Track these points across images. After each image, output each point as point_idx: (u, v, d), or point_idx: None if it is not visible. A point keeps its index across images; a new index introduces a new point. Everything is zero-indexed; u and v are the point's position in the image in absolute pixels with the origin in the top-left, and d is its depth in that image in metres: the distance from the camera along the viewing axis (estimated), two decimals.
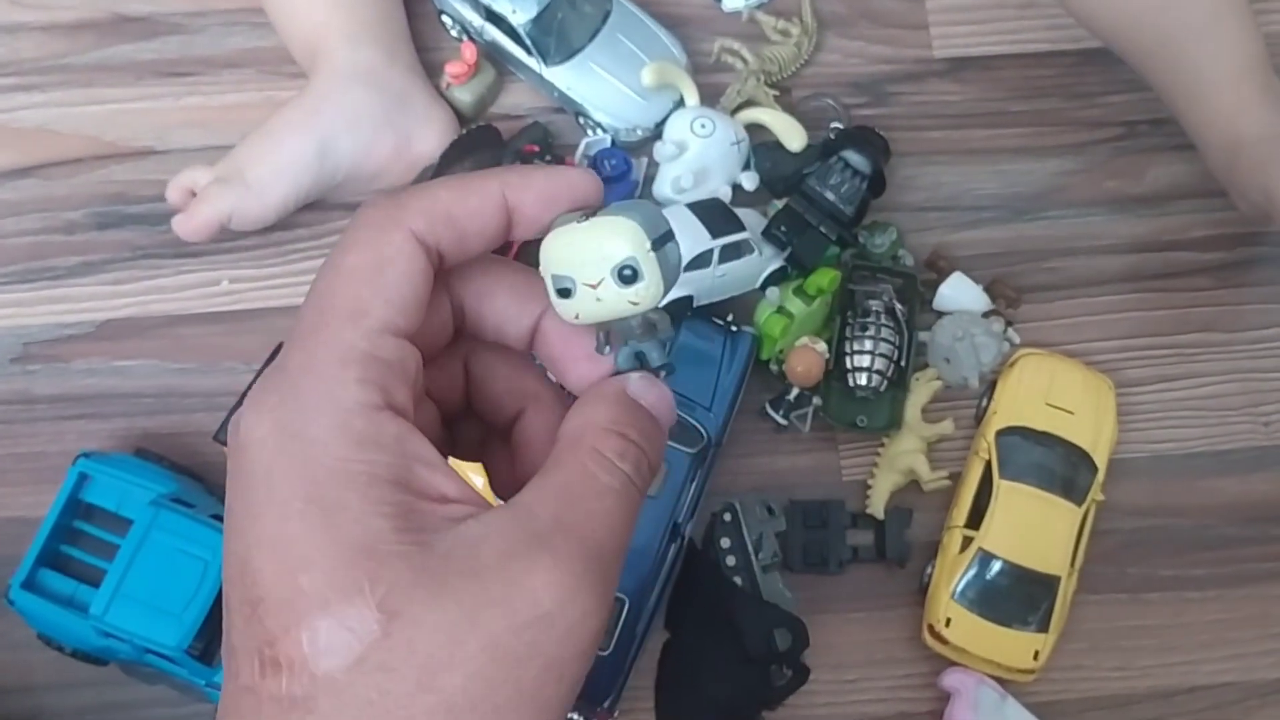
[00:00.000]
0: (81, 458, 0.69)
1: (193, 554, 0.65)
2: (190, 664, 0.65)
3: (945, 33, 0.83)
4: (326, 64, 0.74)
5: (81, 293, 0.77)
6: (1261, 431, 0.77)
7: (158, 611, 0.64)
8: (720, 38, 0.81)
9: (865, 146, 0.75)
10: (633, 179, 0.77)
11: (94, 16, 0.82)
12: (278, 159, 0.73)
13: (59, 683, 0.70)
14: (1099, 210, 0.80)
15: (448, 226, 0.28)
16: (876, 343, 0.73)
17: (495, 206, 0.28)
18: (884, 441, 0.74)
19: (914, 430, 0.74)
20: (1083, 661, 0.72)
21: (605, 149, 0.77)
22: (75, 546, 0.69)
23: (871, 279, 0.75)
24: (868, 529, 0.73)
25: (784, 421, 0.74)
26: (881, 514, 0.72)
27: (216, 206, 0.72)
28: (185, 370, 0.76)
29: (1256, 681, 0.73)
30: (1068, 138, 0.82)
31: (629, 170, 0.76)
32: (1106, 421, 0.73)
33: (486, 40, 0.79)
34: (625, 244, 0.28)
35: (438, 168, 0.74)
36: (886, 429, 0.73)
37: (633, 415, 0.28)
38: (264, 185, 0.72)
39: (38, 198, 0.78)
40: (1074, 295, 0.79)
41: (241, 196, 0.72)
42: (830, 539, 0.72)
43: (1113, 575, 0.74)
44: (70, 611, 0.66)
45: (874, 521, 0.73)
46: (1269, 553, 0.75)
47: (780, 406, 0.74)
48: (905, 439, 0.73)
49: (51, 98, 0.80)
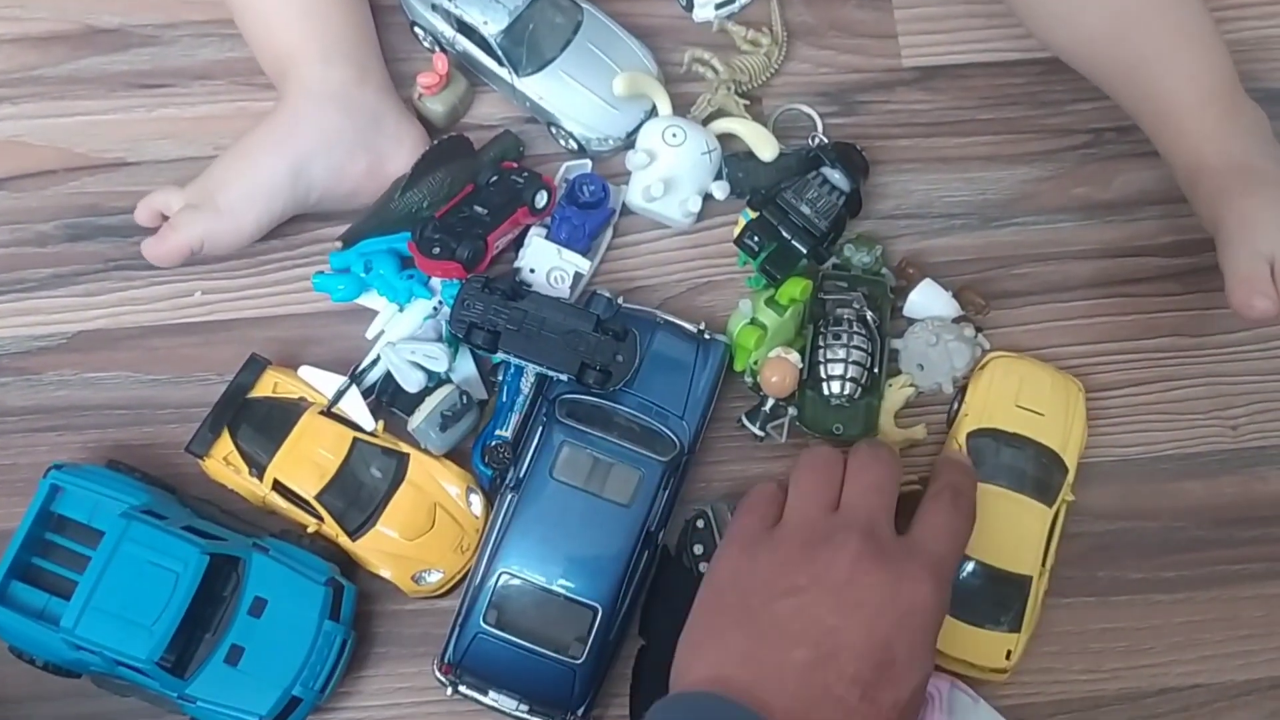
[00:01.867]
0: (53, 469, 0.69)
1: (164, 566, 0.65)
2: (161, 676, 0.65)
3: (914, 42, 0.84)
4: (298, 84, 0.74)
5: (53, 304, 0.77)
6: (1229, 435, 0.78)
7: (129, 624, 0.64)
8: (691, 48, 0.81)
9: (846, 165, 0.76)
10: (610, 206, 0.77)
11: (65, 28, 0.82)
12: (251, 183, 0.73)
13: (31, 695, 0.70)
14: (1068, 216, 0.81)
15: None
16: (849, 350, 0.73)
17: None
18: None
19: (887, 436, 0.74)
20: (1053, 664, 0.73)
21: (583, 174, 0.77)
22: (47, 559, 0.69)
23: (842, 288, 0.75)
24: None
25: (761, 433, 0.74)
26: None
27: (188, 233, 0.71)
28: (158, 381, 0.76)
29: (1225, 683, 0.73)
30: (1036, 145, 0.82)
31: (606, 197, 0.77)
32: (1076, 422, 0.73)
33: (458, 51, 0.80)
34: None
35: (409, 180, 0.74)
36: (862, 436, 0.73)
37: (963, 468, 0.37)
38: (236, 210, 0.72)
39: (9, 210, 0.78)
40: (1044, 301, 0.79)
41: (213, 222, 0.71)
42: None
43: (1082, 578, 0.74)
44: (41, 624, 0.66)
45: None
46: (1237, 555, 0.75)
47: (756, 418, 0.74)
48: None
49: (23, 110, 0.80)
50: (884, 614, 0.58)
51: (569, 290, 0.75)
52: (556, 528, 0.68)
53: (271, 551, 0.69)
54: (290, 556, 0.69)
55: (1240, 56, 0.83)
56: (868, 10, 0.85)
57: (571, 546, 0.68)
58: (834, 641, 0.57)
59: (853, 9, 0.85)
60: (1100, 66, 0.76)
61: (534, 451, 0.70)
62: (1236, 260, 0.68)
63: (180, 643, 0.66)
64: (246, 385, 0.72)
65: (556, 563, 0.68)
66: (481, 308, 0.70)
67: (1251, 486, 0.77)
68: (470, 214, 0.73)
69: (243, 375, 0.72)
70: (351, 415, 0.72)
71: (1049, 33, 0.77)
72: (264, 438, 0.71)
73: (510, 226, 0.74)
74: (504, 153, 0.77)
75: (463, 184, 0.75)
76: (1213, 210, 0.71)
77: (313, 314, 0.76)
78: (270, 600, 0.67)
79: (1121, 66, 0.74)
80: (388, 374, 0.73)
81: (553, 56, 0.78)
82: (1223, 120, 0.72)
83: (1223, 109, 0.72)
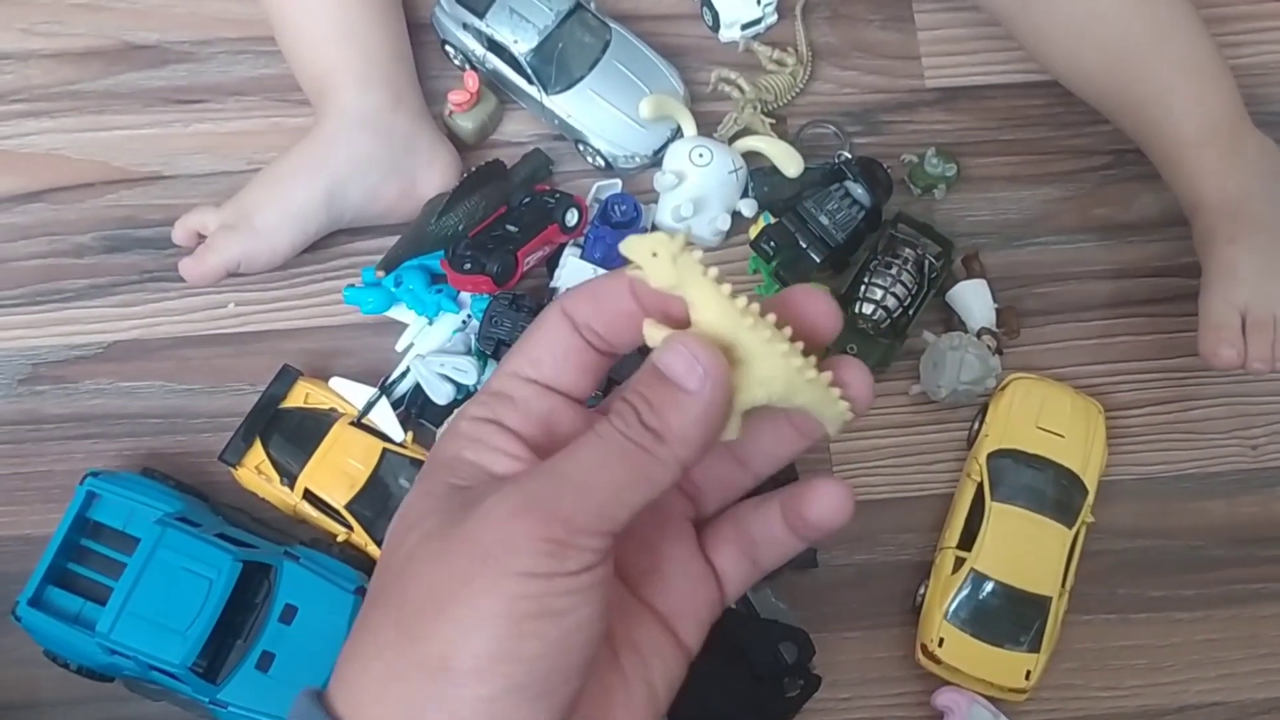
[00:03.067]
0: (90, 476, 0.70)
1: (198, 573, 0.66)
2: (194, 681, 0.66)
3: (937, 63, 0.85)
4: (335, 107, 0.75)
5: (90, 315, 0.78)
6: (1249, 454, 0.78)
7: (163, 629, 0.65)
8: (717, 68, 0.82)
9: (870, 181, 0.77)
10: (641, 225, 0.78)
11: (103, 44, 0.83)
12: (286, 205, 0.74)
13: (64, 699, 0.71)
14: (1088, 237, 0.82)
15: (590, 300, 0.33)
16: (895, 282, 0.75)
17: (622, 288, 0.33)
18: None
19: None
20: (1073, 681, 0.73)
21: (615, 194, 0.78)
22: (82, 564, 0.70)
23: (912, 233, 0.77)
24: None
25: None
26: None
27: (225, 254, 0.73)
28: (191, 391, 0.77)
29: (1244, 701, 0.74)
30: (1057, 166, 0.83)
31: (638, 216, 0.78)
32: (1096, 444, 0.74)
33: (488, 69, 0.81)
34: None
35: (446, 205, 0.74)
36: (874, 367, 0.75)
37: (644, 380, 0.31)
38: (272, 231, 0.73)
39: (48, 221, 0.80)
40: (1064, 320, 0.80)
41: (249, 243, 0.73)
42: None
43: (1102, 596, 0.75)
44: (76, 629, 0.67)
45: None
46: (1257, 574, 0.76)
47: None
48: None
49: (61, 124, 0.82)
50: None
51: None
52: None
53: (302, 560, 0.70)
54: (320, 565, 0.70)
55: (1252, 80, 0.84)
56: (891, 32, 0.86)
57: None
58: None
59: (876, 30, 0.86)
60: (1102, 101, 0.77)
61: None
62: (1210, 307, 0.70)
63: (213, 648, 0.67)
64: (279, 396, 0.73)
65: None
66: (509, 324, 0.71)
67: (1272, 506, 0.77)
68: (502, 232, 0.74)
69: (275, 386, 0.74)
70: (381, 426, 0.73)
71: (1051, 67, 0.78)
72: (295, 447, 0.72)
73: (541, 243, 0.75)
74: (534, 171, 0.78)
75: (496, 205, 0.76)
76: (1201, 249, 0.72)
77: (344, 326, 0.78)
78: (301, 607, 0.68)
79: (1121, 102, 0.75)
80: (417, 386, 0.74)
81: (581, 75, 0.79)
82: (1223, 157, 0.72)
83: (1224, 145, 0.72)
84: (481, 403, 0.33)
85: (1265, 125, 0.75)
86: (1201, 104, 0.73)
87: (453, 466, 0.32)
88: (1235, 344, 0.69)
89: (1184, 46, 0.73)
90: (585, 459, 0.30)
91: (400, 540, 0.32)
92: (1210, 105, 0.73)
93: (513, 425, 0.32)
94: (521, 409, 0.33)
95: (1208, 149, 0.72)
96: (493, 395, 0.33)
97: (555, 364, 0.33)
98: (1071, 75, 0.77)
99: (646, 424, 0.30)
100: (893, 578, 0.75)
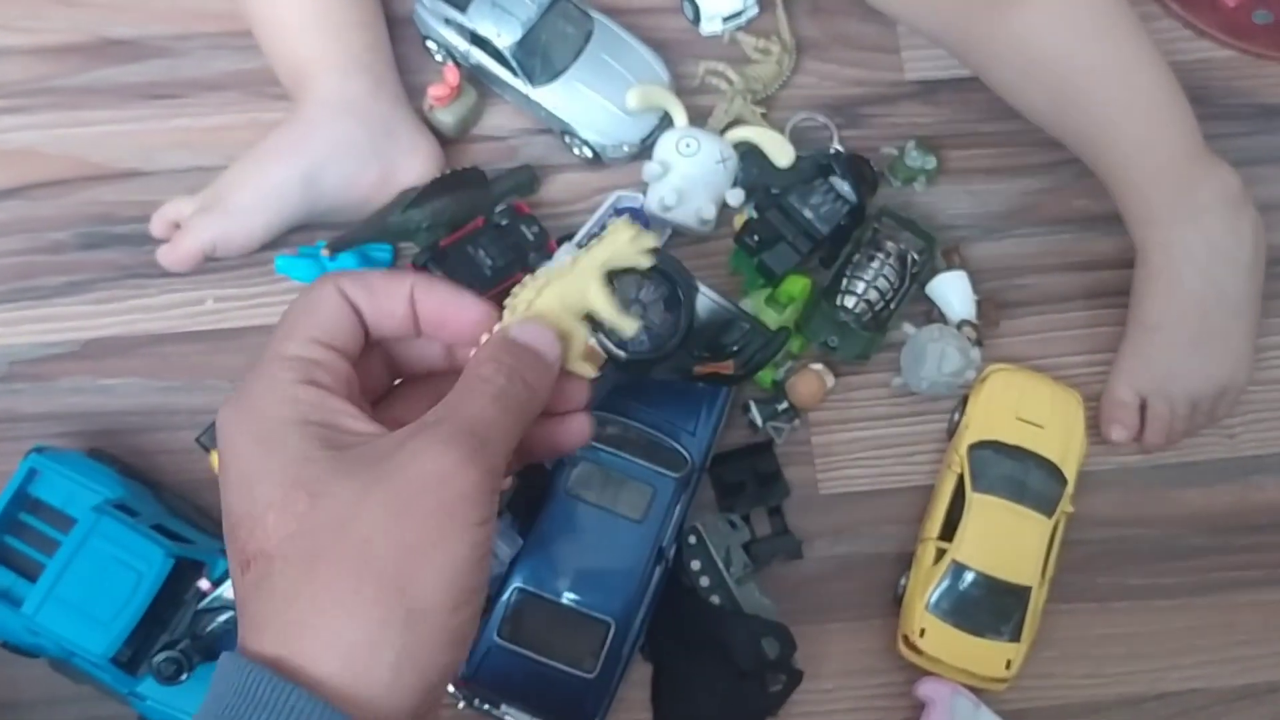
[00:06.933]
0: (34, 452, 0.69)
1: (128, 564, 0.66)
2: (114, 672, 0.66)
3: (916, 56, 0.85)
4: (313, 93, 0.75)
5: (67, 312, 0.78)
6: (1226, 443, 0.79)
7: (88, 618, 0.65)
8: (703, 60, 0.82)
9: (855, 178, 0.77)
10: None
11: (80, 40, 0.83)
12: (262, 185, 0.74)
13: (45, 698, 0.71)
14: (1068, 228, 0.82)
15: (364, 289, 0.38)
16: (878, 276, 0.75)
17: (403, 290, 0.39)
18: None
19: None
20: (1053, 669, 0.74)
21: (634, 208, 0.78)
22: (18, 538, 0.69)
23: (895, 227, 0.77)
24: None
25: (760, 424, 0.75)
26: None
27: (200, 236, 0.72)
28: (169, 388, 0.77)
29: (1223, 688, 0.74)
30: (1037, 158, 0.83)
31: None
32: (1075, 435, 0.74)
33: (472, 64, 0.80)
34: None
35: (418, 197, 0.74)
36: (854, 360, 0.76)
37: (506, 345, 0.38)
38: (246, 212, 0.73)
39: (24, 218, 0.79)
40: (1044, 311, 0.81)
41: (224, 224, 0.73)
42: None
43: (1082, 585, 0.75)
44: (4, 604, 0.67)
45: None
46: (1234, 561, 0.77)
47: (766, 414, 0.75)
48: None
49: (38, 120, 0.81)
50: None
51: None
52: (570, 543, 0.69)
53: None
54: None
55: (1234, 74, 0.84)
56: (870, 24, 0.86)
57: (585, 561, 0.69)
58: None
59: (856, 23, 0.86)
60: (1054, 134, 0.76)
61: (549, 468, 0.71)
62: (1116, 385, 0.76)
63: (136, 640, 0.66)
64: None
65: (570, 577, 0.68)
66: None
67: (1249, 494, 0.78)
68: (475, 259, 0.74)
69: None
70: None
71: (1006, 100, 0.76)
72: None
73: (508, 286, 0.74)
74: (518, 187, 0.78)
75: (469, 215, 0.75)
76: (1132, 302, 0.74)
77: None
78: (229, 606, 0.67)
79: (1069, 138, 0.75)
80: None
81: (566, 66, 0.79)
82: (1171, 206, 0.72)
83: (1171, 189, 0.72)
84: (293, 368, 0.36)
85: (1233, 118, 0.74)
86: (1150, 142, 0.72)
87: (318, 433, 0.35)
88: (1130, 426, 0.75)
89: (1130, 87, 0.71)
90: (490, 412, 0.35)
91: (296, 507, 0.33)
92: (1159, 143, 0.72)
93: (332, 387, 0.36)
94: (331, 371, 0.37)
95: (1155, 189, 0.72)
96: (306, 362, 0.36)
97: (342, 334, 0.38)
98: (1022, 110, 0.76)
99: (526, 380, 0.37)
100: (874, 569, 0.75)
